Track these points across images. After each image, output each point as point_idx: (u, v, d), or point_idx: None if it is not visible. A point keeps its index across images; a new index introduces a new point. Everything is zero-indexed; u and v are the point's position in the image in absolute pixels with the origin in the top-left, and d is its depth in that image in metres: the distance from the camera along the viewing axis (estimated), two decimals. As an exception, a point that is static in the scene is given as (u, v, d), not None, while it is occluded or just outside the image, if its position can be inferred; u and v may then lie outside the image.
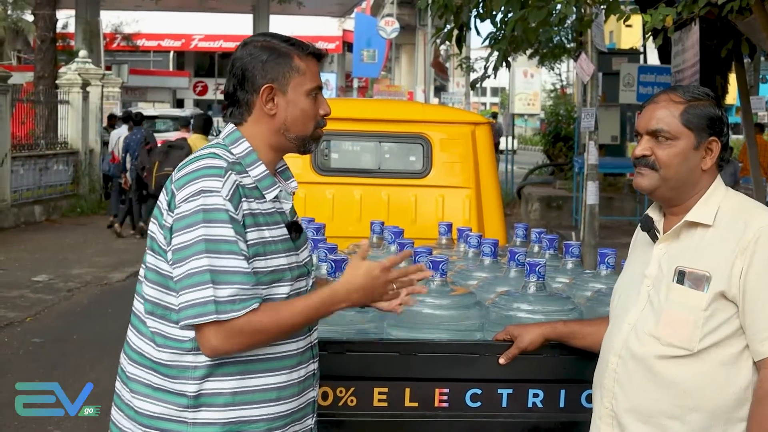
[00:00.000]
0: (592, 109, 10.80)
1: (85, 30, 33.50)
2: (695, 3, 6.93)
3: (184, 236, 2.69)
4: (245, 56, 2.86)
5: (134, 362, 2.86)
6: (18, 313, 10.81)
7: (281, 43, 2.88)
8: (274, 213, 2.85)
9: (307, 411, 2.97)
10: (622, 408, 2.96)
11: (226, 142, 2.87)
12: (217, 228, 2.66)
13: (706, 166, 2.93)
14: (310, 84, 2.88)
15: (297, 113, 2.87)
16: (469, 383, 3.41)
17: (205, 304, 2.63)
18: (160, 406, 2.77)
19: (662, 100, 2.97)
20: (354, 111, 6.76)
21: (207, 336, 2.66)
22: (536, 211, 20.02)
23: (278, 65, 2.84)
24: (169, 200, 2.76)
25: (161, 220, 2.78)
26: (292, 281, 2.84)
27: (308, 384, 2.95)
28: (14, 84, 19.93)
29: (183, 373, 2.75)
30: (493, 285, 3.90)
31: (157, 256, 2.79)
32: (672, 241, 2.97)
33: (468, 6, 10.00)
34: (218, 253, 2.65)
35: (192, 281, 2.65)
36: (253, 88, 2.84)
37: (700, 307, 2.82)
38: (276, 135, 2.88)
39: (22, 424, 6.77)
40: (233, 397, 2.76)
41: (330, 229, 4.81)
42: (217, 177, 2.71)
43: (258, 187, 2.82)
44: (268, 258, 2.77)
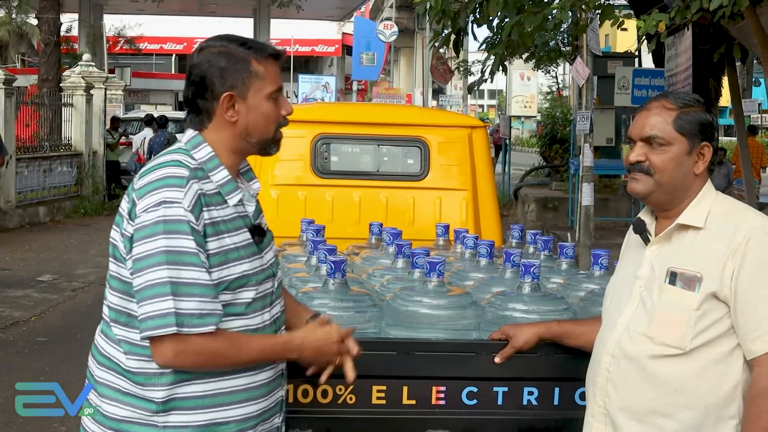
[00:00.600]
0: (587, 112, 10.87)
1: (89, 33, 33.59)
2: (688, 9, 6.96)
3: (143, 246, 2.64)
4: (203, 63, 2.80)
5: (103, 366, 2.83)
6: (23, 312, 10.85)
7: (238, 47, 2.82)
8: (236, 218, 2.81)
9: (275, 410, 2.97)
10: (615, 406, 3.00)
11: (187, 147, 2.82)
12: (178, 239, 2.63)
13: (698, 171, 2.98)
14: (270, 87, 2.84)
15: (258, 118, 2.83)
16: (466, 381, 3.44)
17: (165, 316, 2.60)
18: (128, 410, 2.76)
19: (655, 107, 3.01)
20: (353, 115, 6.78)
21: (164, 348, 2.64)
22: (533, 212, 19.99)
23: (237, 72, 2.79)
24: (130, 209, 2.72)
25: (122, 229, 2.74)
26: (257, 285, 2.83)
27: (277, 383, 2.95)
28: (19, 87, 19.95)
29: (150, 379, 2.73)
30: (489, 285, 3.91)
31: (119, 264, 2.76)
32: (664, 244, 3.01)
33: (465, 11, 9.98)
34: (179, 264, 2.62)
35: (152, 292, 2.62)
36: (213, 95, 2.79)
37: (692, 307, 2.86)
38: (238, 140, 2.84)
39: (27, 421, 6.84)
40: (203, 400, 2.74)
41: (329, 231, 4.82)
42: (178, 187, 2.67)
43: (220, 193, 2.79)
44: (231, 265, 2.74)
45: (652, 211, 3.12)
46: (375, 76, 40.77)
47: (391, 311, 3.60)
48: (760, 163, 18.78)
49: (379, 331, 3.60)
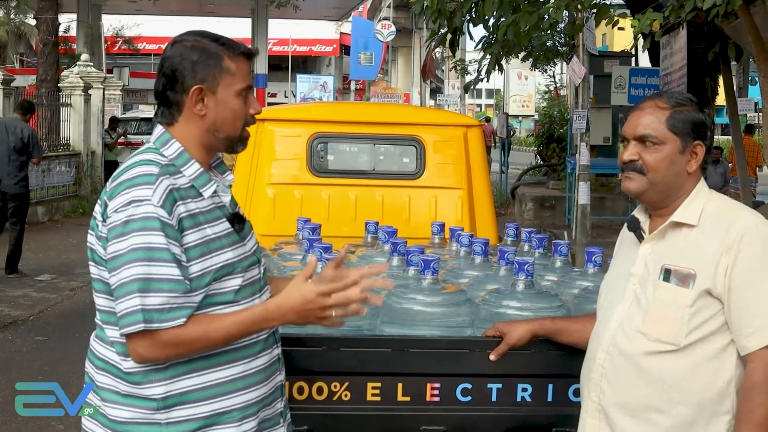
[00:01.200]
0: (583, 111, 10.88)
1: (87, 34, 33.56)
2: (682, 8, 6.97)
3: (115, 245, 2.68)
4: (175, 56, 2.82)
5: (101, 370, 2.85)
6: (21, 311, 10.86)
7: (211, 42, 2.85)
8: (214, 209, 2.83)
9: (276, 395, 2.98)
10: (610, 402, 3.01)
11: (156, 145, 2.85)
12: (147, 236, 2.65)
13: (691, 169, 3.00)
14: (239, 84, 2.86)
15: (227, 113, 2.85)
16: (460, 378, 3.46)
17: (134, 314, 2.63)
18: (130, 411, 2.77)
19: (648, 106, 3.04)
20: (349, 114, 6.80)
21: (133, 344, 2.67)
22: (530, 211, 19.98)
23: (208, 66, 2.81)
24: (103, 211, 2.75)
25: (97, 231, 2.77)
26: (243, 272, 2.84)
27: (274, 369, 2.96)
28: (17, 87, 19.98)
29: (146, 377, 2.75)
30: (483, 283, 3.94)
31: (99, 267, 2.79)
32: (658, 241, 3.03)
33: (461, 11, 10.00)
34: (148, 260, 2.64)
35: (122, 291, 2.65)
36: (183, 88, 2.82)
37: (686, 303, 2.88)
38: (206, 135, 2.86)
39: (25, 420, 6.85)
40: (203, 392, 2.77)
41: (326, 229, 4.83)
42: (146, 185, 2.69)
43: (194, 186, 2.81)
44: (215, 255, 2.76)
45: (646, 209, 3.14)
46: (373, 76, 40.81)
47: (386, 309, 3.61)
48: (756, 161, 18.79)
49: (373, 328, 3.62)
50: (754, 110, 12.78)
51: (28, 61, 43.04)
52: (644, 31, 7.25)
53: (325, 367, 3.38)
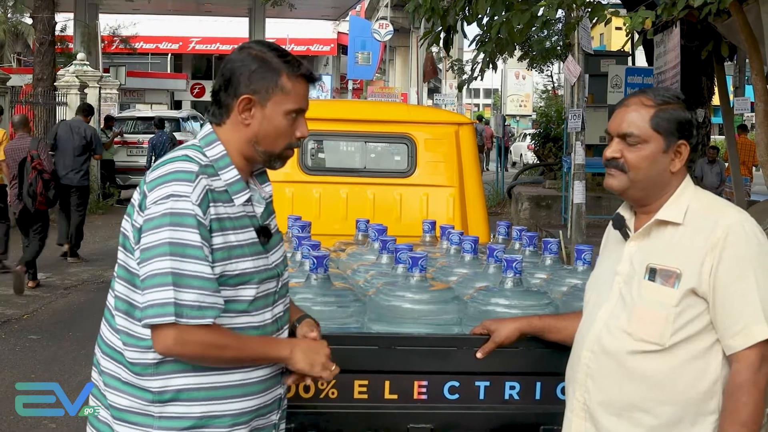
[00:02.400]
0: (578, 110, 10.89)
1: (84, 33, 33.53)
2: (674, 6, 6.97)
3: (150, 237, 2.70)
4: (237, 60, 2.85)
5: (107, 356, 2.90)
6: (15, 310, 10.84)
7: (275, 57, 2.85)
8: (243, 217, 2.86)
9: (273, 407, 2.98)
10: (595, 401, 3.01)
11: (201, 144, 2.87)
12: (184, 232, 2.68)
13: (674, 169, 2.98)
14: (291, 105, 2.86)
15: (270, 129, 2.86)
16: (447, 376, 3.45)
17: (165, 305, 2.65)
18: (127, 399, 2.81)
19: (633, 103, 3.02)
20: (341, 112, 6.78)
21: (164, 335, 2.69)
22: (526, 210, 19.94)
23: (264, 79, 2.82)
24: (141, 200, 2.77)
25: (132, 219, 2.80)
26: (259, 284, 2.86)
27: (275, 381, 2.96)
28: (13, 86, 19.92)
29: (146, 370, 2.78)
30: (472, 280, 3.94)
31: (128, 254, 2.81)
32: (643, 239, 3.02)
33: (454, 9, 10.02)
34: (182, 256, 2.67)
35: (154, 282, 2.67)
36: (235, 93, 2.84)
37: (671, 303, 2.87)
38: (247, 145, 2.87)
39: (17, 419, 6.84)
40: (198, 393, 2.78)
41: (316, 227, 4.83)
42: (187, 182, 2.72)
43: (228, 191, 2.83)
44: (234, 262, 2.78)
45: (631, 207, 3.13)
46: (370, 75, 40.80)
47: (374, 306, 3.62)
48: (752, 161, 18.77)
49: (361, 325, 3.62)
50: (750, 110, 12.74)
51: (25, 60, 43.04)
52: (636, 29, 7.23)
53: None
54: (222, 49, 51.01)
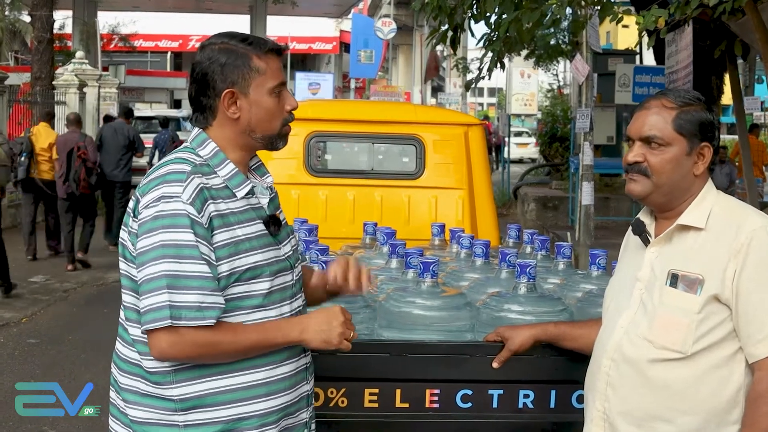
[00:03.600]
0: (587, 110, 10.83)
1: (83, 31, 33.62)
2: (687, 4, 6.93)
3: (144, 241, 2.69)
4: (204, 60, 2.84)
5: (123, 372, 2.86)
6: (14, 313, 10.80)
7: (239, 43, 2.85)
8: (248, 210, 2.84)
9: (301, 405, 2.95)
10: (615, 411, 2.95)
11: (193, 145, 2.87)
12: (176, 233, 2.66)
13: (698, 172, 2.93)
14: (272, 82, 2.86)
15: (261, 113, 2.86)
16: (460, 384, 3.40)
17: (160, 309, 2.63)
18: (149, 411, 2.78)
19: (654, 105, 2.96)
20: (347, 112, 6.76)
21: (157, 340, 2.66)
22: (532, 211, 19.99)
23: (237, 68, 2.82)
24: (134, 207, 2.77)
25: (129, 227, 2.79)
26: (272, 276, 2.83)
27: (301, 378, 2.93)
28: (11, 85, 19.97)
29: (165, 378, 2.75)
30: (484, 286, 3.89)
31: (129, 263, 2.79)
32: (664, 245, 2.96)
33: (462, 7, 10.01)
34: (177, 257, 2.65)
35: (149, 286, 2.66)
36: (215, 93, 2.83)
37: (693, 310, 2.82)
38: (242, 136, 2.87)
39: (17, 423, 6.80)
40: (222, 396, 2.75)
41: (323, 230, 4.80)
42: (178, 182, 2.71)
43: (228, 186, 2.81)
44: (243, 256, 2.76)
45: (651, 212, 3.07)
46: (373, 74, 40.78)
47: (384, 312, 3.57)
48: (762, 161, 18.75)
49: (371, 332, 3.58)
50: (760, 109, 12.74)
51: (23, 58, 43.05)
52: (649, 28, 7.17)
53: (321, 372, 3.27)
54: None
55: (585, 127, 10.92)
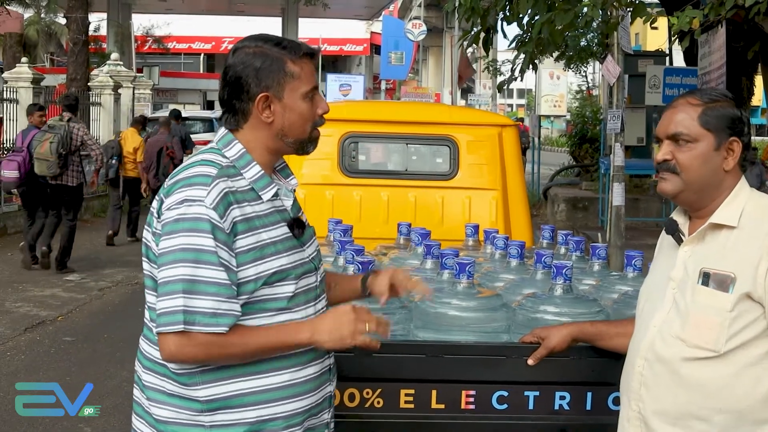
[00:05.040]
0: (618, 111, 10.78)
1: (117, 33, 33.86)
2: (722, 5, 6.89)
3: (165, 243, 2.69)
4: (238, 64, 2.83)
5: (148, 370, 2.86)
6: (50, 312, 10.86)
7: (273, 47, 2.84)
8: (273, 213, 2.83)
9: (324, 406, 2.96)
10: (650, 410, 2.95)
11: (219, 146, 2.86)
12: (197, 237, 2.66)
13: (728, 167, 2.91)
14: (305, 87, 2.85)
15: (294, 118, 2.85)
16: (496, 385, 3.39)
17: (174, 314, 2.63)
18: (175, 411, 2.78)
19: (680, 104, 2.97)
20: (381, 113, 6.74)
21: (167, 342, 2.67)
22: (562, 212, 19.92)
23: (272, 72, 2.81)
24: (158, 207, 2.77)
25: (153, 228, 2.79)
26: (297, 279, 2.83)
27: (325, 379, 2.94)
28: (47, 86, 20.11)
29: (192, 378, 2.75)
30: (519, 287, 3.88)
31: (151, 263, 2.79)
32: (697, 244, 2.95)
33: (495, 9, 9.98)
34: (195, 262, 2.65)
35: (166, 289, 2.66)
36: (248, 96, 2.82)
37: (725, 308, 2.80)
38: (274, 140, 2.86)
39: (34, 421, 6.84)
40: (248, 398, 2.76)
41: (357, 231, 4.78)
42: (202, 186, 2.70)
43: (254, 189, 2.81)
44: (268, 260, 2.76)
45: (685, 211, 3.06)
46: (403, 76, 40.77)
47: (420, 313, 3.57)
48: (788, 161, 18.62)
49: (407, 333, 3.57)
50: (792, 111, 12.73)
51: (59, 60, 43.39)
52: (683, 29, 7.13)
53: (357, 373, 3.32)
54: (255, 49, 51.21)
55: (616, 129, 10.87)
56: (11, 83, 18.06)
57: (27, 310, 10.90)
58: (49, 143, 12.92)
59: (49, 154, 12.87)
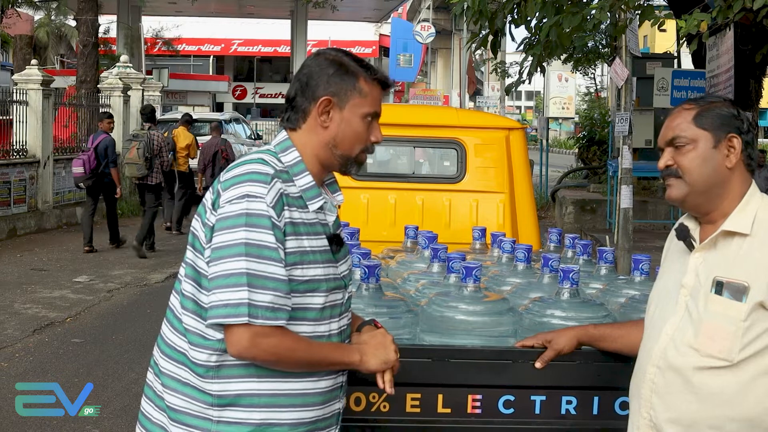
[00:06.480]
0: (626, 114, 10.75)
1: (127, 35, 33.92)
2: (730, 8, 6.88)
3: (224, 236, 2.71)
4: (314, 65, 2.89)
5: (167, 357, 2.89)
6: (58, 313, 10.88)
7: (352, 62, 2.90)
8: (317, 224, 2.86)
9: (331, 422, 2.96)
10: (662, 418, 2.93)
11: (276, 150, 2.89)
12: (259, 233, 2.69)
13: (730, 164, 2.89)
14: (368, 108, 2.89)
15: (348, 132, 2.88)
16: (502, 390, 3.38)
17: (238, 306, 2.65)
18: (186, 401, 2.81)
19: (675, 111, 3.00)
20: (389, 116, 6.71)
21: (238, 337, 2.69)
22: (570, 214, 19.88)
23: (342, 81, 2.86)
24: (214, 199, 2.78)
25: (204, 218, 2.80)
26: (327, 292, 2.85)
27: (335, 395, 2.95)
28: (57, 88, 20.14)
29: (208, 372, 2.78)
30: (526, 291, 3.87)
31: (197, 253, 2.81)
32: (709, 250, 2.92)
33: (503, 12, 9.98)
34: (258, 257, 2.68)
35: (227, 281, 2.67)
36: (313, 96, 2.86)
37: (739, 317, 2.78)
38: (324, 148, 2.89)
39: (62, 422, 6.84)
40: (258, 399, 2.78)
41: (364, 234, 4.80)
42: (263, 183, 2.73)
43: (302, 197, 2.84)
44: (306, 267, 2.78)
45: (695, 217, 3.03)
46: (412, 78, 40.81)
47: (426, 317, 3.55)
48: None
49: (413, 337, 3.56)
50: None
51: (68, 62, 43.50)
52: (691, 32, 7.12)
53: (363, 376, 3.26)
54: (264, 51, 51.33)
55: (624, 131, 10.84)
56: (21, 85, 18.08)
57: (36, 312, 10.92)
58: (136, 149, 15.25)
59: (137, 159, 15.22)
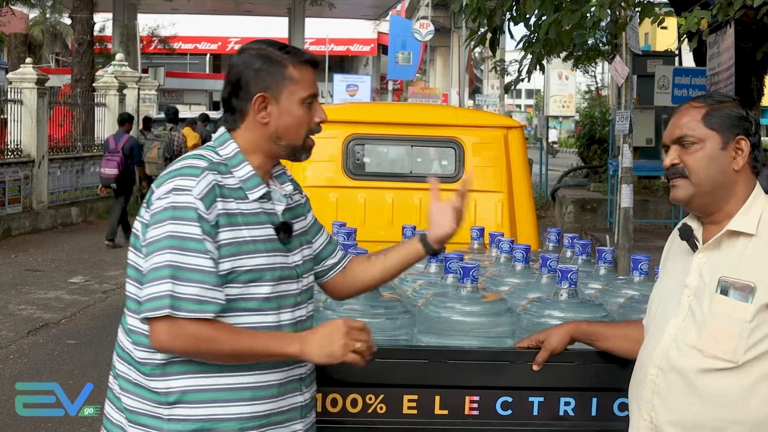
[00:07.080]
0: (626, 112, 10.73)
1: (122, 33, 33.96)
2: (730, 6, 6.86)
3: (153, 231, 2.73)
4: (240, 64, 2.89)
5: (120, 358, 2.89)
6: (53, 314, 10.87)
7: (276, 51, 2.89)
8: (260, 213, 2.86)
9: (292, 415, 2.92)
10: (663, 420, 2.89)
11: (215, 144, 2.91)
12: (184, 225, 2.69)
13: (737, 167, 2.86)
14: (303, 92, 2.90)
15: (289, 121, 2.89)
16: (500, 391, 3.36)
17: (161, 298, 2.65)
18: (138, 401, 2.81)
19: (683, 109, 2.95)
20: (386, 115, 6.73)
21: (159, 329, 2.68)
22: (570, 213, 19.90)
23: (271, 74, 2.86)
24: (148, 197, 2.82)
25: (142, 217, 2.83)
26: (274, 282, 2.84)
27: (292, 388, 2.91)
28: (52, 87, 20.12)
29: (153, 370, 2.77)
30: (524, 291, 3.85)
31: (137, 253, 2.81)
32: (713, 251, 2.89)
33: (501, 9, 9.98)
34: (182, 250, 2.68)
35: (153, 275, 2.68)
36: (247, 96, 2.87)
37: (744, 318, 2.75)
38: (268, 142, 2.90)
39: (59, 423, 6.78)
40: (203, 394, 2.77)
41: (361, 233, 4.78)
42: (191, 176, 2.74)
43: (242, 188, 2.84)
44: (245, 257, 2.77)
45: (698, 217, 3.00)
46: (411, 76, 40.82)
47: (423, 318, 3.53)
48: (796, 164, 18.55)
49: (410, 338, 3.53)
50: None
51: (64, 60, 43.54)
52: (691, 30, 7.10)
53: (359, 378, 3.27)
54: (261, 49, 51.24)
55: (624, 130, 10.82)
56: (15, 84, 18.04)
57: (30, 313, 10.90)
58: (157, 149, 16.19)
59: (158, 158, 16.08)
